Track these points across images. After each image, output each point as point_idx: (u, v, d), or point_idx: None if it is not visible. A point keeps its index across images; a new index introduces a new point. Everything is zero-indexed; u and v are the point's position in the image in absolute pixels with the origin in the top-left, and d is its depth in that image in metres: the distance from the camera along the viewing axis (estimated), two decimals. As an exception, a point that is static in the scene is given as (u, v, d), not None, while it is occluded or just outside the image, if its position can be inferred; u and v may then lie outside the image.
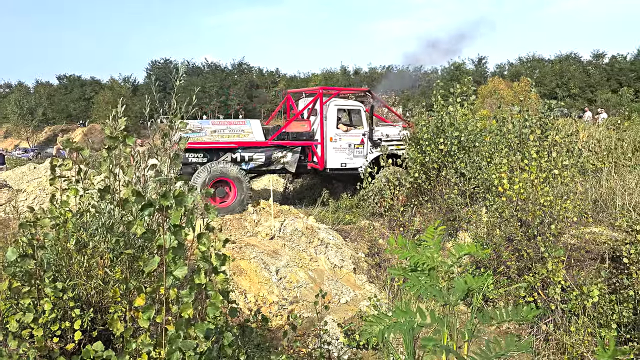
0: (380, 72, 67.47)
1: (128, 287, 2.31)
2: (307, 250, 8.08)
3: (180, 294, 2.02)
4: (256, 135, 11.13)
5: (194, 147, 10.49)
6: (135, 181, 3.03)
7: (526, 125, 9.40)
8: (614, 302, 5.23)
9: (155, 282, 2.22)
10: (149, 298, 2.28)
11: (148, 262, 2.03)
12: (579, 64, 63.13)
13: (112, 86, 63.40)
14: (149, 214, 1.98)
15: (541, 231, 6.16)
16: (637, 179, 8.75)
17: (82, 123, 61.97)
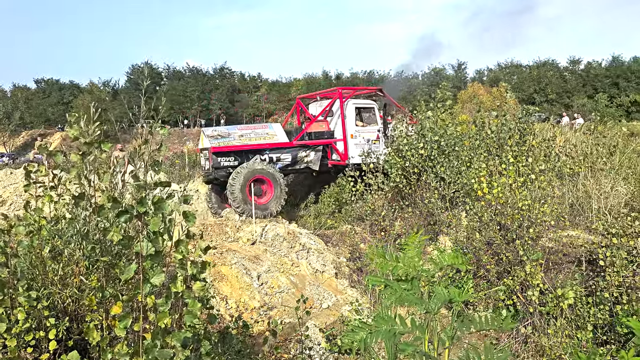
0: (362, 77, 67.81)
1: (104, 295, 2.26)
2: (288, 256, 8.05)
3: (156, 303, 1.99)
4: (280, 137, 11.67)
5: (226, 150, 10.96)
6: (113, 187, 2.99)
7: (504, 130, 9.53)
8: (590, 305, 5.31)
9: (133, 289, 2.19)
10: (126, 306, 2.25)
11: (125, 269, 1.99)
12: (556, 70, 64.31)
13: (92, 90, 62.53)
14: (126, 221, 1.95)
15: (520, 235, 6.24)
16: (613, 183, 8.91)
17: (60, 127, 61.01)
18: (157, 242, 1.94)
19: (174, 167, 19.02)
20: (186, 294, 2.02)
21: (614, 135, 11.96)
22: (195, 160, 20.33)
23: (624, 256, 5.47)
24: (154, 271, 2.04)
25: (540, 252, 6.09)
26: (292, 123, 15.34)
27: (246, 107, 67.96)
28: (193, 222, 2.05)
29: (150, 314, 2.18)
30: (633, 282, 5.28)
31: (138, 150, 2.38)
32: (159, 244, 1.94)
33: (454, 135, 10.06)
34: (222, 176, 10.90)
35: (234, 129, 12.02)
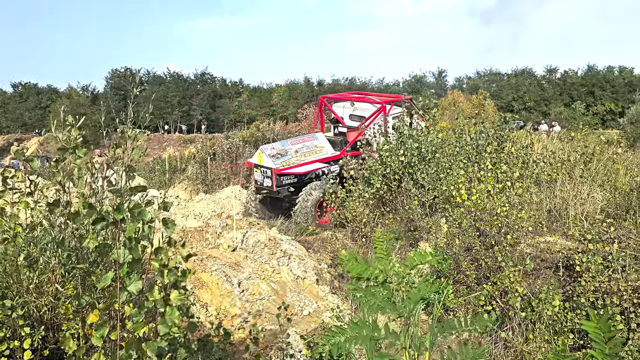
0: (343, 84, 68.14)
1: (81, 303, 2.23)
2: (269, 262, 8.02)
3: (131, 313, 1.97)
4: (327, 148, 11.99)
5: (289, 171, 11.31)
6: (90, 193, 2.95)
7: (483, 137, 9.67)
8: (567, 310, 5.39)
9: (110, 297, 2.16)
10: (103, 314, 2.22)
11: (101, 277, 1.97)
12: (533, 79, 65.53)
13: (70, 94, 61.69)
14: (102, 228, 1.92)
15: (498, 240, 6.31)
16: (589, 190, 9.09)
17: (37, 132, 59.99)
18: (134, 250, 1.92)
19: (154, 173, 18.83)
20: (159, 303, 1.99)
21: (590, 142, 12.20)
22: (175, 165, 20.17)
23: (600, 262, 5.57)
24: (132, 279, 2.01)
25: (518, 258, 6.17)
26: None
27: (227, 112, 67.75)
28: (172, 229, 2.03)
29: (128, 322, 2.15)
30: (609, 287, 5.38)
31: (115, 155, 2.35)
32: (136, 252, 1.92)
33: (434, 142, 10.16)
34: (285, 194, 11.32)
35: (287, 144, 12.26)
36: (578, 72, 66.37)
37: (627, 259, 5.92)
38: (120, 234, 1.97)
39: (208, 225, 10.00)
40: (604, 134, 23.34)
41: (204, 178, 16.29)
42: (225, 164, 16.44)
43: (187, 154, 22.80)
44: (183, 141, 46.99)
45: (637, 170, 9.44)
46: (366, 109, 13.33)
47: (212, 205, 13.44)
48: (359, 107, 13.56)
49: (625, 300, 5.15)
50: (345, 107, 13.79)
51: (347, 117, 13.74)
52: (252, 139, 18.61)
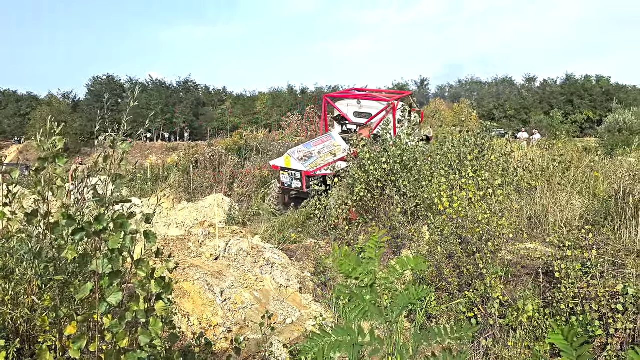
0: (327, 91, 68.33)
1: (58, 315, 2.19)
2: (252, 271, 7.98)
3: (111, 324, 1.94)
4: (344, 146, 12.43)
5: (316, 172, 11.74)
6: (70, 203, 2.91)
7: (465, 145, 9.76)
8: (547, 316, 5.46)
9: (89, 309, 2.13)
10: (82, 326, 2.18)
11: (80, 288, 1.94)
12: (513, 87, 66.55)
13: (51, 102, 60.87)
14: (81, 238, 1.90)
15: (479, 248, 6.37)
16: (568, 197, 9.23)
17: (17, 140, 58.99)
18: (115, 261, 1.89)
19: (136, 181, 18.63)
20: (141, 314, 1.97)
21: (569, 150, 12.40)
22: (157, 174, 19.99)
23: (579, 268, 5.65)
24: (111, 290, 1.99)
25: (499, 265, 6.23)
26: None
27: (211, 120, 67.46)
28: (154, 242, 2.01)
29: (108, 334, 2.12)
30: (587, 293, 5.45)
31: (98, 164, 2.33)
32: (117, 263, 1.90)
33: (416, 150, 10.24)
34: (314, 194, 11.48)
35: (310, 146, 12.84)
36: (557, 81, 67.66)
37: (606, 265, 6.03)
38: (101, 244, 1.95)
39: (190, 234, 9.92)
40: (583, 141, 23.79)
41: (187, 186, 16.18)
42: (208, 172, 16.34)
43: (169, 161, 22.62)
44: (166, 149, 46.65)
45: (615, 177, 9.62)
46: (372, 107, 13.91)
47: (194, 214, 13.33)
48: (364, 105, 14.15)
49: (603, 306, 5.23)
50: (350, 105, 14.36)
51: (352, 114, 14.34)
52: (235, 147, 18.55)
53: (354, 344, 2.27)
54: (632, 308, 5.17)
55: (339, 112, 14.46)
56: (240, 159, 16.55)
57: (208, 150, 17.19)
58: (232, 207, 13.75)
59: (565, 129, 27.76)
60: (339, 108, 14.44)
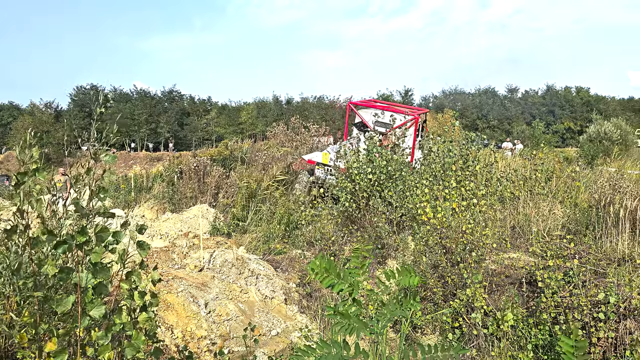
0: (312, 102, 68.62)
1: (38, 331, 2.15)
2: (237, 282, 7.92)
3: (97, 336, 1.91)
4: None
5: None
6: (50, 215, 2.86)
7: (449, 156, 9.85)
8: (531, 325, 5.50)
9: (70, 323, 2.09)
10: (63, 341, 2.15)
11: (61, 302, 1.91)
12: (496, 98, 67.52)
13: (33, 111, 60.17)
14: (64, 251, 1.87)
15: (464, 258, 6.41)
16: (550, 206, 9.35)
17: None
18: (103, 272, 1.87)
19: (120, 192, 18.43)
20: (128, 326, 1.95)
21: (551, 160, 12.58)
22: (141, 184, 19.80)
23: (561, 277, 5.72)
24: (94, 303, 1.96)
25: (483, 275, 6.27)
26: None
27: (195, 130, 67.23)
28: (147, 252, 1.99)
29: (89, 348, 2.09)
30: (570, 302, 5.51)
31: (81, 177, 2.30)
32: (104, 275, 1.88)
33: (400, 161, 10.30)
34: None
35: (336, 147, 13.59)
36: (538, 92, 68.82)
37: (587, 274, 6.11)
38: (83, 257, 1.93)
39: (174, 245, 9.82)
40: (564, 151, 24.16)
41: (171, 197, 16.04)
42: (192, 182, 16.22)
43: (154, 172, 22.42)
44: (150, 159, 46.31)
45: (595, 187, 9.77)
46: (394, 118, 15.11)
47: (178, 225, 13.21)
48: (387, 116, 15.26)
49: (585, 315, 5.29)
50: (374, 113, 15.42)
51: (372, 122, 15.38)
52: (220, 158, 18.47)
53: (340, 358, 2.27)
54: (614, 316, 5.23)
55: (361, 119, 15.38)
56: (225, 170, 16.46)
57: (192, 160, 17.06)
58: (216, 218, 13.66)
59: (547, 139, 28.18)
60: (363, 115, 15.39)
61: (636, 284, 5.69)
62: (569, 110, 64.92)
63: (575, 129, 61.63)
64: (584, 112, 63.53)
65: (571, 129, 62.55)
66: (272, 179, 14.72)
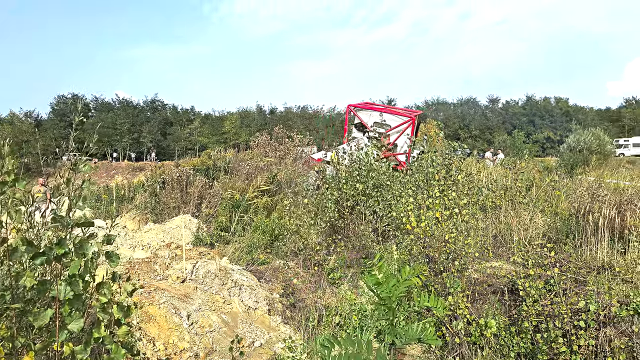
0: (295, 112, 68.76)
1: (15, 345, 2.10)
2: (220, 293, 7.85)
3: (75, 350, 1.88)
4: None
5: None
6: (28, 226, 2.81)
7: (433, 165, 9.93)
8: (513, 334, 5.54)
9: (48, 337, 2.05)
10: (41, 355, 2.10)
11: (39, 315, 1.87)
12: (477, 108, 68.43)
13: (12, 121, 59.25)
14: (42, 263, 1.84)
15: (447, 267, 6.45)
16: (531, 215, 9.47)
17: (-26, 160, 57.02)
18: (76, 286, 1.84)
19: (101, 202, 18.20)
20: (107, 339, 1.91)
21: (531, 169, 12.76)
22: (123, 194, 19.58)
23: (542, 285, 5.78)
24: (73, 316, 1.93)
25: (466, 284, 6.30)
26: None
27: (178, 140, 66.84)
28: (117, 263, 1.96)
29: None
30: (551, 310, 5.57)
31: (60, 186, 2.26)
32: (78, 288, 1.85)
33: (383, 171, 10.35)
34: None
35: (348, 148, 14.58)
36: (518, 102, 69.94)
37: (568, 282, 6.18)
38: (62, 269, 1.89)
39: (156, 256, 9.71)
40: (544, 161, 24.53)
41: (153, 207, 15.87)
42: (175, 192, 16.08)
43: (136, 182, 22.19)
44: (132, 169, 45.83)
45: (575, 196, 9.93)
46: (392, 120, 16.08)
47: (161, 235, 13.07)
48: (385, 117, 16.15)
49: (566, 323, 5.34)
50: (372, 115, 16.33)
51: (371, 124, 16.24)
52: (203, 167, 18.36)
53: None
54: (594, 324, 5.30)
55: (360, 120, 16.23)
56: (209, 180, 16.36)
57: (175, 170, 16.93)
58: (199, 228, 13.55)
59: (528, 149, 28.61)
60: (362, 116, 16.27)
61: (615, 291, 5.78)
62: (548, 120, 66.03)
63: (555, 138, 62.66)
64: (563, 122, 64.68)
65: (551, 138, 63.57)
66: (256, 189, 14.67)
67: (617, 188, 10.86)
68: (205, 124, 69.73)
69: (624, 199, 8.79)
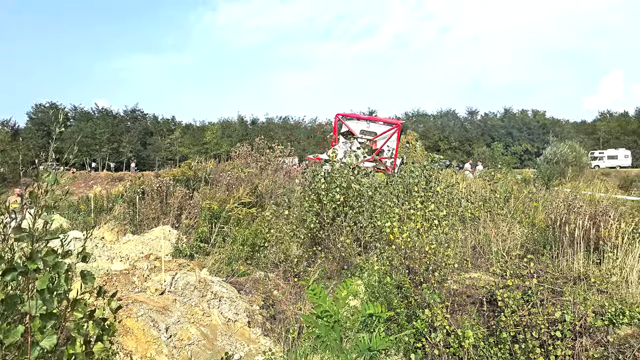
0: (277, 122, 68.78)
1: (-16, 362, 2.05)
2: (199, 305, 7.77)
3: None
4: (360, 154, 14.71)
5: None
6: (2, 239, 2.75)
7: (413, 177, 10.02)
8: (492, 344, 5.58)
9: (19, 354, 2.01)
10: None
11: (9, 332, 1.83)
12: (457, 120, 69.34)
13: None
14: (13, 279, 1.80)
15: (427, 278, 6.48)
16: (509, 226, 9.59)
17: (-51, 169, 55.73)
18: (48, 301, 1.80)
19: (79, 213, 17.88)
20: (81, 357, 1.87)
21: (509, 181, 12.95)
22: (102, 205, 19.28)
23: (520, 296, 5.84)
24: (45, 333, 1.89)
25: (445, 295, 6.34)
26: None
27: (159, 150, 66.28)
28: (92, 282, 1.93)
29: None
30: (529, 321, 5.63)
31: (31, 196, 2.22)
32: (51, 303, 1.81)
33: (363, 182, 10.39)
34: None
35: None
36: (497, 114, 71.08)
37: (545, 292, 6.26)
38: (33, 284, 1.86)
39: (135, 268, 9.57)
40: (522, 172, 24.92)
41: (132, 218, 15.65)
42: (154, 203, 15.88)
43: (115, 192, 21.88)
44: (111, 179, 45.19)
45: (551, 207, 10.09)
46: (378, 127, 17.53)
47: (139, 247, 12.89)
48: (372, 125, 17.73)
49: (543, 333, 5.40)
50: (359, 123, 17.89)
51: (358, 131, 17.55)
52: (184, 178, 18.20)
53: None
54: (570, 334, 5.37)
55: (348, 128, 17.56)
56: (189, 190, 16.21)
57: (155, 180, 16.74)
58: (179, 239, 13.40)
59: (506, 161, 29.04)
60: (350, 125, 17.69)
61: (591, 302, 5.87)
62: (526, 133, 67.19)
63: (532, 150, 63.72)
64: (540, 134, 65.88)
65: (529, 150, 64.64)
66: (236, 201, 14.58)
67: (593, 199, 11.08)
68: (186, 134, 69.30)
69: (598, 210, 8.96)
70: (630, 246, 7.49)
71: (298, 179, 15.09)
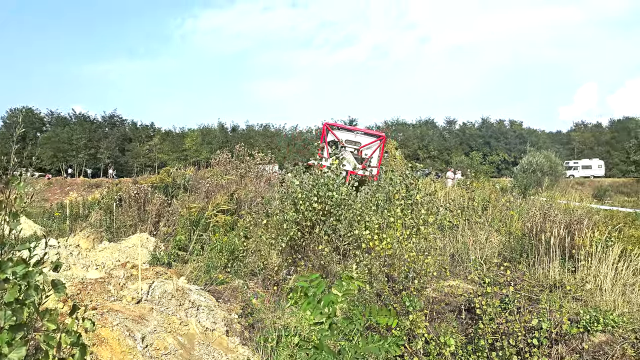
0: (257, 130, 68.64)
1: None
2: (177, 314, 7.65)
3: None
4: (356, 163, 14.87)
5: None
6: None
7: (392, 185, 10.06)
8: (470, 352, 5.61)
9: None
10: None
11: (-23, 344, 1.76)
12: (435, 129, 70.14)
13: (-40, 134, 56.78)
14: (-19, 289, 1.74)
15: (406, 286, 6.50)
16: (487, 235, 9.69)
17: None
18: (18, 312, 1.75)
19: (54, 220, 17.54)
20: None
21: (487, 190, 13.10)
22: (77, 212, 18.94)
23: (497, 304, 5.89)
24: (14, 345, 1.83)
25: (423, 302, 6.36)
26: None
27: (137, 156, 65.53)
28: (63, 292, 1.88)
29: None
30: (506, 329, 5.68)
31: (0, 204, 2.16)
32: (20, 314, 1.75)
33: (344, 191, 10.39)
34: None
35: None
36: (475, 124, 72.13)
37: (522, 300, 6.33)
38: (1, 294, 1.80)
39: (111, 276, 9.40)
40: (499, 181, 25.27)
41: (109, 225, 15.40)
42: (132, 210, 15.66)
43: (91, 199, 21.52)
44: (88, 186, 44.47)
45: (528, 216, 10.24)
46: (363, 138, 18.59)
47: (116, 254, 12.67)
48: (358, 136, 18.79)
49: (520, 341, 5.46)
50: (346, 133, 18.95)
51: (344, 141, 18.48)
52: (162, 185, 18.01)
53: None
54: (547, 342, 5.43)
55: (334, 137, 18.43)
56: (167, 197, 16.03)
57: (133, 187, 16.53)
58: (157, 247, 13.21)
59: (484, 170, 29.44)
60: (337, 134, 18.61)
61: (566, 309, 5.96)
62: (503, 142, 68.24)
63: (509, 160, 64.72)
64: (517, 143, 66.97)
65: (506, 160, 65.63)
66: (215, 207, 14.46)
67: (568, 208, 11.27)
68: (165, 141, 68.66)
69: (573, 219, 9.12)
70: (604, 254, 7.63)
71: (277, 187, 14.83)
